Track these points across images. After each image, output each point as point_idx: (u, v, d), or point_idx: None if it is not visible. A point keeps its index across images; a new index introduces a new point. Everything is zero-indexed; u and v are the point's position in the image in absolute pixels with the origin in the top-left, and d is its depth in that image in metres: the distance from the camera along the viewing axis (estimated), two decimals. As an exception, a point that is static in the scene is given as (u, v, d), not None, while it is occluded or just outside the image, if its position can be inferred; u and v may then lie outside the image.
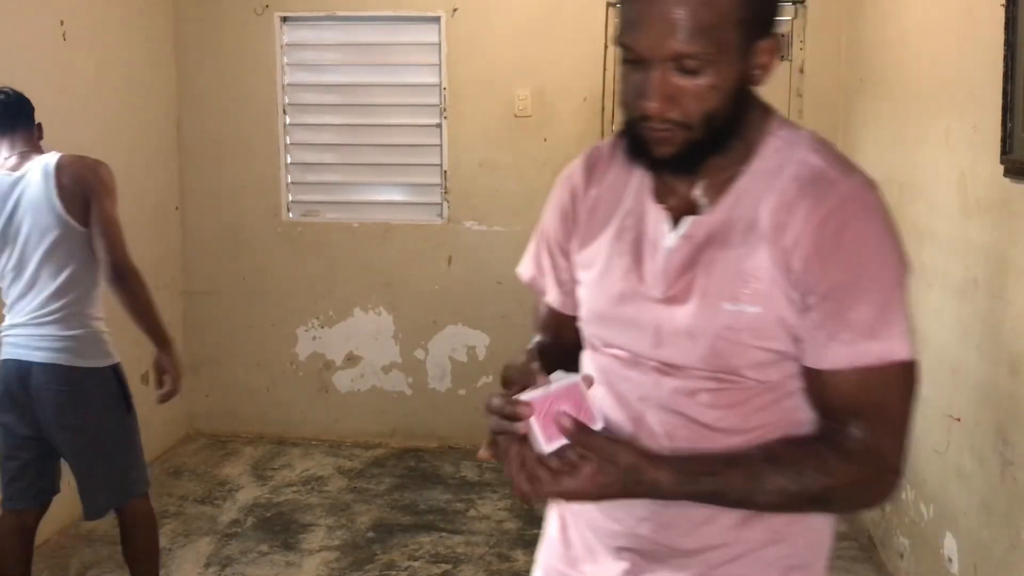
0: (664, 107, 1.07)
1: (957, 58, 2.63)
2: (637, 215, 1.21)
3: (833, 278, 1.08)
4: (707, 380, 1.14)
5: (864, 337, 1.08)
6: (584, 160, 1.31)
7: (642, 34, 1.06)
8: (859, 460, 1.09)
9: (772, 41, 1.10)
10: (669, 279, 1.16)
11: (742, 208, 1.13)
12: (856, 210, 1.09)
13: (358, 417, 4.54)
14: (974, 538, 2.40)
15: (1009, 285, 2.24)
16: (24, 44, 3.32)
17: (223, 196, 4.48)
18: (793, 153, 1.14)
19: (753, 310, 1.10)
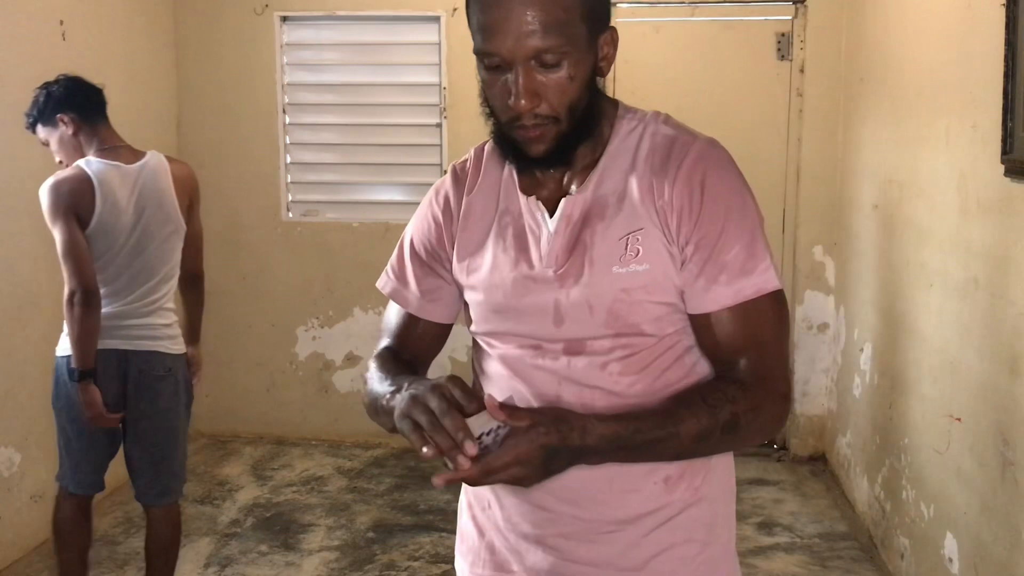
0: (532, 103, 1.14)
1: (957, 58, 2.63)
2: (513, 212, 1.28)
3: (705, 228, 1.18)
4: (613, 349, 1.22)
5: (740, 275, 1.18)
6: (452, 174, 1.38)
7: (501, 38, 1.13)
8: (753, 386, 1.18)
9: (611, 33, 1.21)
10: (558, 259, 1.23)
11: (610, 182, 1.23)
12: (712, 164, 1.21)
13: (358, 417, 4.52)
14: (974, 538, 2.40)
15: (1009, 285, 2.23)
16: (24, 44, 3.32)
17: (223, 196, 4.47)
18: (646, 128, 1.25)
19: (642, 268, 1.19)
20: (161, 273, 2.70)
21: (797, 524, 3.63)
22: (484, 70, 1.19)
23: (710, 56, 4.19)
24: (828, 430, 4.22)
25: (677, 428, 1.14)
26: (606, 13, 1.21)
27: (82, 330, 2.50)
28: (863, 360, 3.64)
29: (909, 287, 3.05)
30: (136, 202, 2.64)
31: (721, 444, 1.19)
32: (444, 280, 1.37)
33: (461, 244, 1.32)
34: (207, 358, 4.53)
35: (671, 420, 1.15)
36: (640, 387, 1.22)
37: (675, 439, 1.14)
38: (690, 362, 1.25)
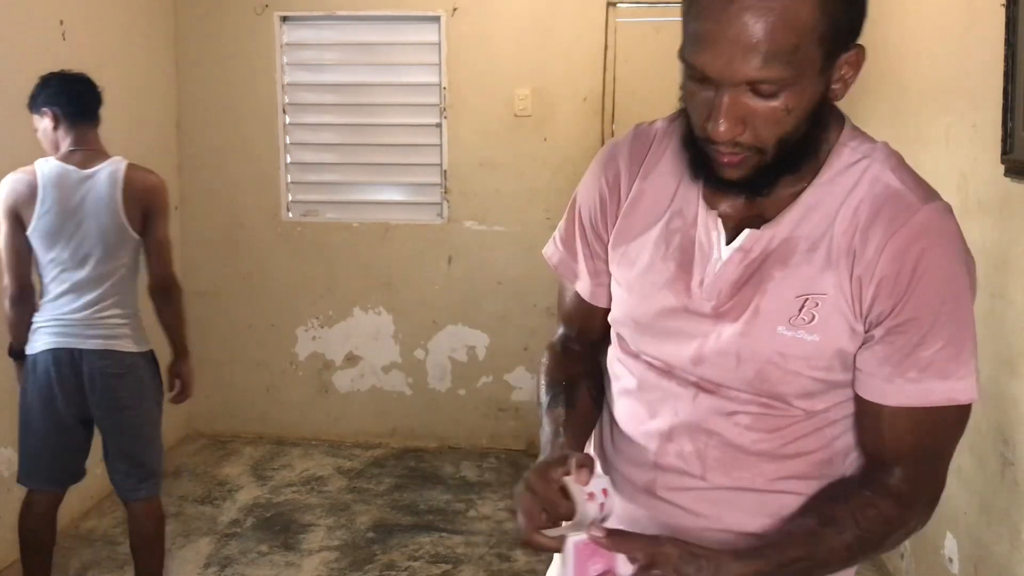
0: (734, 131, 0.97)
1: (957, 58, 2.63)
2: (686, 218, 1.11)
3: (907, 313, 1.00)
4: (748, 403, 1.08)
5: (934, 376, 1.01)
6: (632, 143, 1.18)
7: (712, 55, 0.94)
8: (910, 501, 1.06)
9: (856, 53, 1.00)
10: (720, 294, 1.07)
11: (808, 225, 1.05)
12: (935, 241, 1.01)
13: (358, 417, 4.54)
14: (974, 538, 2.40)
15: (1009, 285, 2.23)
16: (24, 44, 3.31)
17: (223, 196, 4.47)
18: (867, 169, 1.05)
19: (811, 338, 1.03)
20: (111, 279, 2.70)
21: (797, 524, 3.63)
22: (686, 76, 1.00)
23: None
24: (828, 430, 4.22)
25: (824, 557, 1.01)
26: (855, 30, 0.99)
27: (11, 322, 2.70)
28: (863, 360, 3.63)
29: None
30: (80, 208, 2.67)
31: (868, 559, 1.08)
32: (606, 262, 1.21)
33: (621, 230, 1.16)
34: (208, 358, 4.56)
35: (817, 549, 1.01)
36: (765, 447, 1.09)
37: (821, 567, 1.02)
38: (830, 435, 1.11)
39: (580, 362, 1.27)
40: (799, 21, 0.92)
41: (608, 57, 4.19)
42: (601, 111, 4.23)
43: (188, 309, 4.52)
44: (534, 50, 4.25)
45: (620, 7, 4.20)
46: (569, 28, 4.21)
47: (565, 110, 4.26)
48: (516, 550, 3.40)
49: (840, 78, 1.01)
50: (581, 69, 4.23)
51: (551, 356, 1.28)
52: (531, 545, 0.98)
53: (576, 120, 4.26)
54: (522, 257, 4.25)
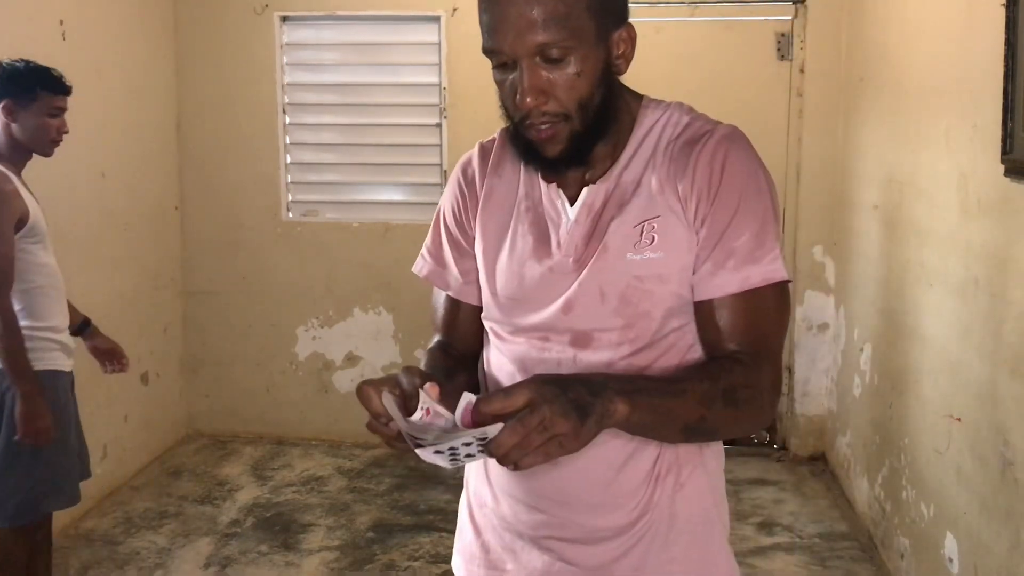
0: (538, 100, 1.13)
1: (957, 58, 2.63)
2: (533, 198, 1.27)
3: (718, 211, 1.17)
4: (620, 343, 1.20)
5: (747, 262, 1.16)
6: (479, 151, 1.36)
7: (504, 35, 1.11)
8: (752, 365, 1.17)
9: (628, 29, 1.18)
10: (576, 247, 1.22)
11: (632, 172, 1.22)
12: (732, 148, 1.19)
13: (358, 417, 4.48)
14: (974, 538, 2.40)
15: (1009, 285, 2.23)
16: (24, 44, 3.31)
17: (223, 196, 4.48)
18: (668, 118, 1.24)
19: (657, 255, 1.18)
20: None
21: (797, 524, 3.63)
22: (495, 70, 1.18)
23: (710, 56, 4.19)
24: (828, 430, 4.22)
25: (683, 385, 1.12)
26: (619, 9, 1.18)
27: None
28: (863, 360, 3.63)
29: (909, 287, 3.04)
30: None
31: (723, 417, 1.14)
32: (475, 260, 1.34)
33: (481, 224, 1.31)
34: (208, 358, 4.57)
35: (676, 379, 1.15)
36: None
37: (683, 395, 1.10)
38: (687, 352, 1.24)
39: (459, 360, 1.35)
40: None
41: (608, 57, 4.19)
42: (601, 111, 4.23)
43: (188, 309, 4.57)
44: (534, 50, 4.24)
45: (620, 7, 4.19)
46: (569, 28, 4.21)
47: (565, 110, 4.26)
48: (516, 550, 3.40)
49: (621, 54, 1.19)
50: (581, 69, 4.22)
51: (428, 354, 1.35)
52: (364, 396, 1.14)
53: (576, 120, 4.25)
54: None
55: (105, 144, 3.84)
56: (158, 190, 4.31)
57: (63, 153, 3.53)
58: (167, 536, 3.50)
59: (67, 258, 3.52)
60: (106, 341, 2.92)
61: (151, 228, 4.22)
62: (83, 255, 3.67)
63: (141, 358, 4.17)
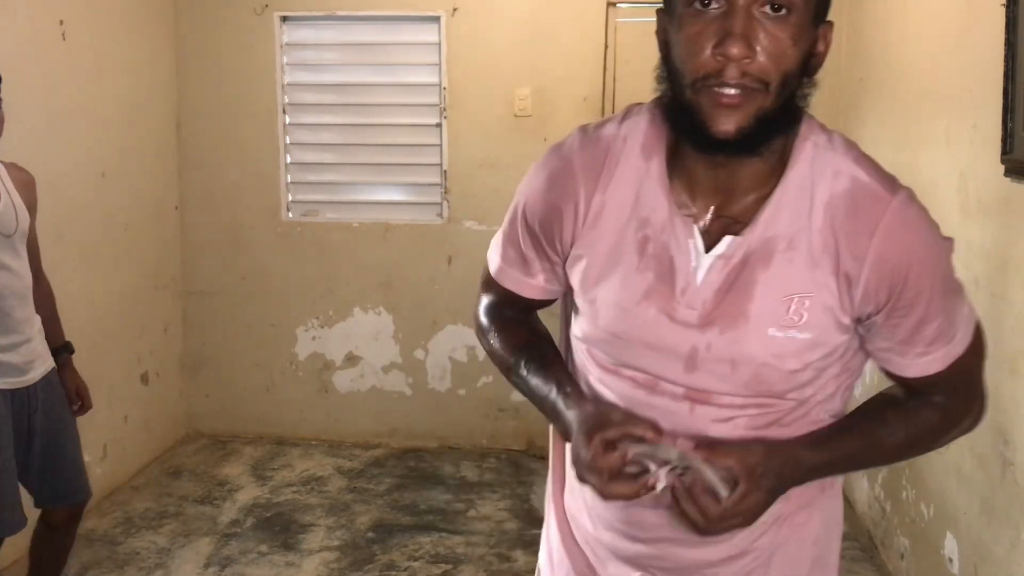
0: (746, 52, 0.96)
1: (957, 58, 2.63)
2: (655, 224, 1.09)
3: (904, 302, 1.05)
4: (745, 407, 1.10)
5: (940, 346, 1.10)
6: (583, 151, 1.15)
7: None
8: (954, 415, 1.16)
9: (829, 28, 1.05)
10: (705, 303, 1.07)
11: (782, 224, 1.06)
12: (913, 232, 1.05)
13: (358, 417, 4.54)
14: (974, 538, 2.40)
15: (1009, 285, 2.23)
16: (24, 44, 3.32)
17: (223, 196, 4.47)
18: (828, 162, 1.06)
19: (802, 336, 1.05)
20: None
21: (797, 524, 3.63)
22: (686, 15, 0.99)
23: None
24: (828, 430, 4.21)
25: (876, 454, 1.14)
26: (828, 5, 1.05)
27: None
28: (863, 360, 3.63)
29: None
30: None
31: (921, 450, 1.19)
32: (556, 263, 1.21)
33: (586, 244, 1.14)
34: (207, 358, 4.58)
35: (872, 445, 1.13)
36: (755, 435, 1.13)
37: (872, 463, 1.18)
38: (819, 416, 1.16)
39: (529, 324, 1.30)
40: None
41: (608, 57, 4.19)
42: (601, 111, 4.23)
43: (188, 309, 4.58)
44: (534, 50, 4.25)
45: (620, 7, 4.19)
46: (569, 28, 4.21)
47: (565, 110, 4.26)
48: (516, 550, 3.40)
49: (818, 50, 1.04)
50: (581, 69, 4.23)
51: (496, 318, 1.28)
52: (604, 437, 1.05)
53: (576, 120, 4.20)
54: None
55: (105, 144, 3.84)
56: (158, 190, 4.31)
57: (63, 153, 3.54)
58: (167, 536, 3.50)
59: (67, 258, 3.53)
60: (75, 378, 2.79)
61: (151, 228, 4.22)
62: (83, 255, 3.67)
63: (141, 358, 4.17)
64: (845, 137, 1.11)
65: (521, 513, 3.72)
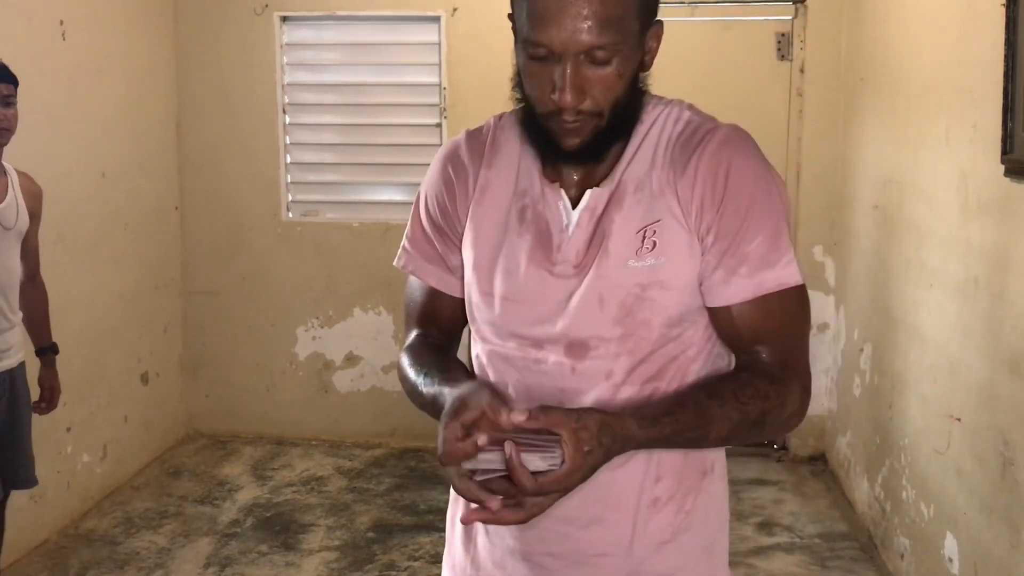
0: (577, 99, 1.09)
1: (957, 58, 2.63)
2: (532, 195, 1.22)
3: (726, 217, 1.14)
4: (619, 355, 1.16)
5: (761, 268, 1.14)
6: (467, 139, 1.30)
7: (555, 30, 1.07)
8: (780, 380, 1.15)
9: (658, 27, 1.16)
10: (577, 252, 1.18)
11: (632, 171, 1.18)
12: (737, 150, 1.16)
13: (358, 417, 4.54)
14: (974, 538, 2.40)
15: (1009, 285, 2.23)
16: (24, 44, 3.32)
17: (223, 196, 4.47)
18: (668, 115, 1.21)
19: (657, 262, 1.15)
20: None
21: (797, 524, 3.63)
22: (526, 58, 1.13)
23: (710, 56, 4.19)
24: (828, 430, 4.22)
25: (708, 429, 1.10)
26: (656, 6, 1.16)
27: None
28: (863, 360, 3.63)
29: (909, 287, 3.04)
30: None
31: (744, 439, 1.16)
32: (453, 252, 1.29)
33: (475, 219, 1.25)
34: (207, 358, 4.57)
35: (704, 419, 1.10)
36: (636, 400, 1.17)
37: (705, 439, 1.12)
38: (688, 365, 1.20)
39: (444, 350, 1.33)
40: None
41: (608, 57, 4.19)
42: (601, 111, 4.23)
43: (188, 309, 4.57)
44: (534, 50, 4.24)
45: (620, 7, 4.19)
46: (569, 28, 4.21)
47: (565, 110, 4.26)
48: (516, 550, 3.41)
49: (650, 50, 1.17)
50: (581, 69, 4.22)
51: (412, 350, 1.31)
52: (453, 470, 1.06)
53: (576, 120, 4.25)
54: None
55: (105, 144, 3.84)
56: (158, 190, 4.31)
57: (63, 153, 3.54)
58: (167, 536, 3.50)
59: (67, 258, 3.53)
60: (53, 379, 2.91)
61: (151, 228, 4.22)
62: (83, 255, 3.67)
63: (141, 358, 4.17)
64: (682, 100, 1.25)
65: (521, 513, 3.72)
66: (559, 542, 1.21)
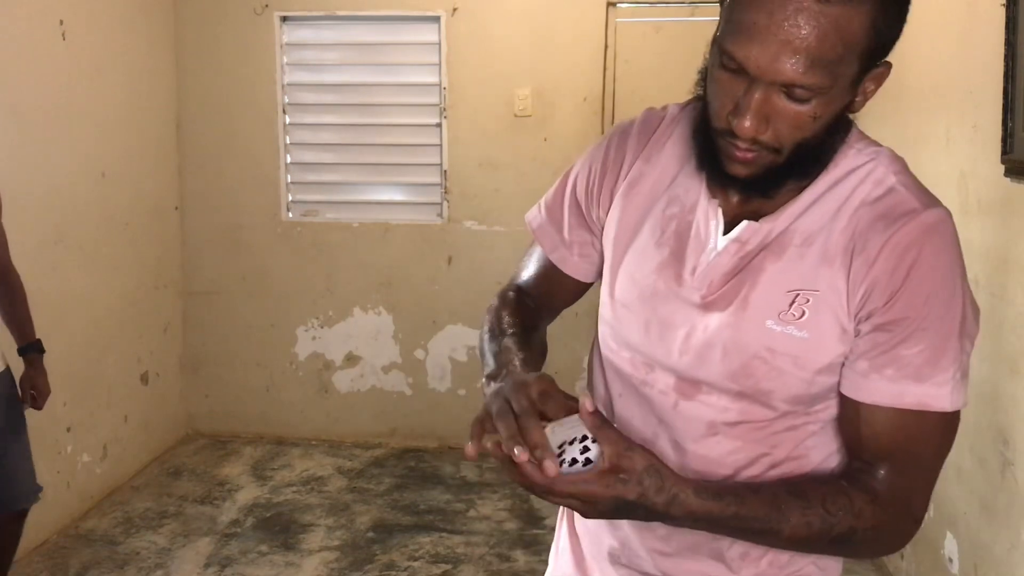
0: (758, 129, 0.95)
1: (957, 58, 2.63)
2: (684, 205, 1.10)
3: (894, 311, 0.98)
4: (727, 409, 1.06)
5: (909, 378, 0.99)
6: (640, 125, 1.17)
7: (758, 50, 0.92)
8: (885, 504, 1.01)
9: (884, 69, 1.00)
10: (711, 284, 1.05)
11: (806, 221, 1.03)
12: (933, 244, 0.99)
13: (358, 417, 4.54)
14: (974, 538, 2.40)
15: (1009, 285, 2.23)
16: (24, 44, 3.32)
17: (223, 196, 4.47)
18: (871, 172, 1.04)
19: (800, 335, 1.01)
20: None
21: (797, 524, 3.63)
22: (718, 63, 0.97)
23: (710, 56, 4.18)
24: (828, 430, 4.22)
25: (780, 526, 0.98)
26: (889, 47, 0.98)
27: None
28: (863, 360, 3.63)
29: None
30: None
31: (824, 552, 1.05)
32: (595, 235, 1.20)
33: (616, 214, 1.15)
34: (207, 358, 4.58)
35: (778, 514, 0.98)
36: (743, 458, 1.07)
37: (774, 536, 0.99)
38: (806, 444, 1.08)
39: (536, 313, 1.23)
40: (849, 33, 0.91)
41: (608, 57, 4.19)
42: (601, 111, 4.23)
43: (188, 309, 4.57)
44: (534, 50, 4.25)
45: (620, 7, 4.20)
46: (569, 28, 4.21)
47: (565, 110, 4.26)
48: (516, 550, 3.40)
49: (863, 91, 1.00)
50: (581, 69, 4.23)
51: (505, 298, 1.23)
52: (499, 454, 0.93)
53: (576, 120, 4.26)
54: (522, 257, 4.24)
55: (105, 144, 3.84)
56: (158, 190, 4.31)
57: (63, 153, 3.54)
58: (167, 536, 3.50)
59: (67, 258, 3.53)
60: (38, 379, 2.74)
61: (151, 228, 4.22)
62: (83, 255, 3.67)
63: (141, 358, 4.17)
64: (893, 152, 1.08)
65: (521, 513, 3.72)
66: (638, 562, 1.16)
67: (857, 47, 0.93)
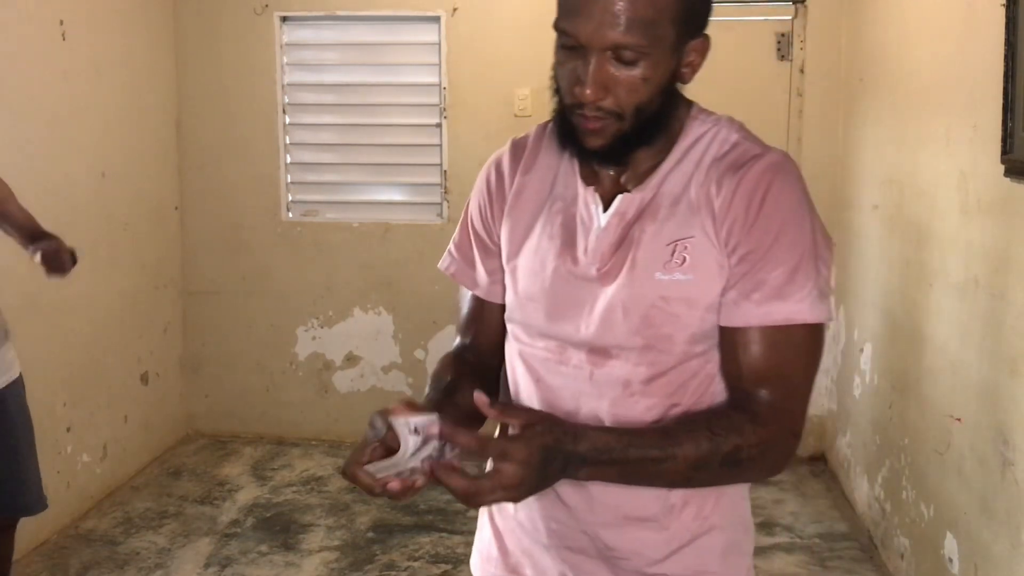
0: (598, 94, 1.09)
1: (957, 58, 2.63)
2: (566, 199, 1.23)
3: (753, 241, 1.12)
4: (638, 365, 1.16)
5: (772, 298, 1.12)
6: (511, 148, 1.32)
7: (583, 22, 1.07)
8: (765, 421, 1.12)
9: (703, 41, 1.16)
10: (603, 257, 1.18)
11: (669, 185, 1.18)
12: (777, 177, 1.14)
13: (358, 417, 4.53)
14: (974, 538, 2.40)
15: (1009, 285, 2.23)
16: (24, 44, 3.32)
17: (223, 196, 4.47)
18: (716, 134, 1.20)
19: (686, 278, 1.14)
20: None
21: (797, 524, 3.63)
22: (559, 46, 1.13)
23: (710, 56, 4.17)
24: (828, 430, 4.22)
25: (673, 450, 1.08)
26: (703, 20, 1.16)
27: None
28: (863, 360, 3.63)
29: (909, 287, 3.04)
30: None
31: (720, 476, 1.14)
32: (500, 259, 1.31)
33: (509, 223, 1.27)
34: (207, 358, 4.58)
35: (668, 440, 1.09)
36: (657, 412, 1.17)
37: (671, 461, 1.09)
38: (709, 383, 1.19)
39: (470, 369, 1.32)
40: None
41: (608, 57, 4.19)
42: (601, 111, 4.23)
43: (188, 309, 4.57)
44: (534, 50, 4.22)
45: (620, 7, 4.19)
46: (569, 28, 4.21)
47: (565, 110, 4.26)
48: (516, 550, 3.41)
49: (689, 62, 1.16)
50: (581, 69, 4.22)
51: (440, 361, 1.34)
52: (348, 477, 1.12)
53: (576, 120, 4.25)
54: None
55: (105, 144, 3.84)
56: (158, 190, 4.31)
57: (63, 153, 3.54)
58: (167, 536, 3.50)
59: (67, 258, 3.52)
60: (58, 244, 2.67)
61: (151, 228, 4.22)
62: (83, 255, 3.67)
63: (141, 358, 4.17)
64: (732, 117, 1.24)
65: (521, 513, 3.72)
66: (579, 539, 1.23)
67: (668, 11, 1.08)
